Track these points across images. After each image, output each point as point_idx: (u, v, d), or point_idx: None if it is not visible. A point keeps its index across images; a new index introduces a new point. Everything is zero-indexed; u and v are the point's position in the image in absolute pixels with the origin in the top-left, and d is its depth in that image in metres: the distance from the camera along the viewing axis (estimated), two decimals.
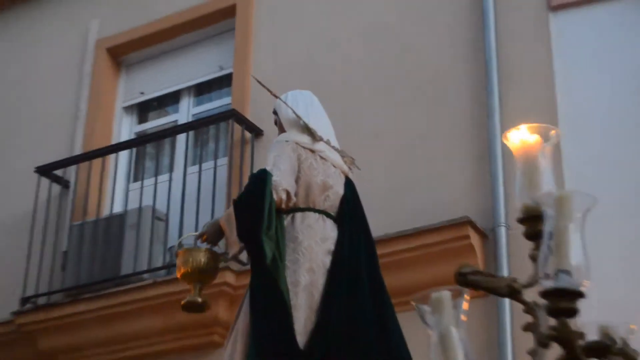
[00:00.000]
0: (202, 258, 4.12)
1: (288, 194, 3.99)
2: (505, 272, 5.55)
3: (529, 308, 2.35)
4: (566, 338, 2.31)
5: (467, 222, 5.60)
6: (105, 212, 7.12)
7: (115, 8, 8.02)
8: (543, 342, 2.33)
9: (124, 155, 7.34)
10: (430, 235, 5.67)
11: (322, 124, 4.40)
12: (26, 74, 8.33)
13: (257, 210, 3.88)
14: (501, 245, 5.59)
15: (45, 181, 7.28)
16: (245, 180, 5.95)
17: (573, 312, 2.31)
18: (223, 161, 6.89)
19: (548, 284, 2.26)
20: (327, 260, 4.03)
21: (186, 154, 6.79)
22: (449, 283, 5.59)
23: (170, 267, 4.73)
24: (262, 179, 3.98)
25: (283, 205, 3.99)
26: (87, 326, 6.53)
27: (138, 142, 7.36)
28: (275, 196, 3.91)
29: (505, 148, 5.67)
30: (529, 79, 6.01)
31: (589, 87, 5.93)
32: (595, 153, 5.73)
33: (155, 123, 7.76)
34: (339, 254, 4.07)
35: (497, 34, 6.15)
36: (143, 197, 6.69)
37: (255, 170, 5.42)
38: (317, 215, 4.10)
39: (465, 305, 2.40)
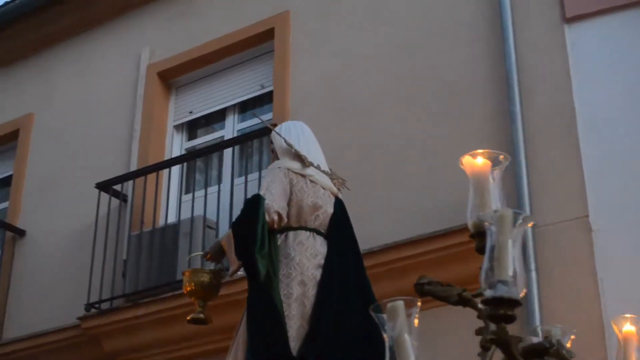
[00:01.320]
0: (205, 278, 4.38)
1: (279, 215, 4.16)
2: (532, 267, 5.51)
3: (480, 314, 2.38)
4: (504, 341, 2.34)
5: None
6: (160, 222, 7.18)
7: (163, 36, 8.09)
8: (485, 346, 2.38)
9: (175, 169, 7.44)
10: (459, 235, 5.43)
11: (312, 151, 4.55)
12: (85, 99, 8.41)
13: (251, 232, 4.04)
14: (528, 241, 5.53)
15: (105, 196, 7.33)
16: None
17: (511, 319, 2.33)
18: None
19: (489, 293, 2.30)
20: (318, 273, 4.17)
21: (233, 166, 6.84)
22: (463, 282, 5.62)
23: (221, 271, 4.95)
24: (255, 203, 4.16)
25: (275, 226, 4.16)
26: (145, 328, 6.62)
27: (188, 157, 7.40)
28: (267, 218, 4.09)
29: (528, 153, 5.80)
30: (548, 88, 5.97)
31: (605, 93, 5.86)
32: (613, 155, 5.67)
33: (203, 139, 7.82)
34: (328, 268, 4.20)
35: (516, 46, 6.11)
36: (194, 207, 6.73)
37: None
38: (308, 233, 4.26)
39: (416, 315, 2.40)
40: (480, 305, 2.39)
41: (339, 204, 4.50)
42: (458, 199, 5.83)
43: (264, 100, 7.53)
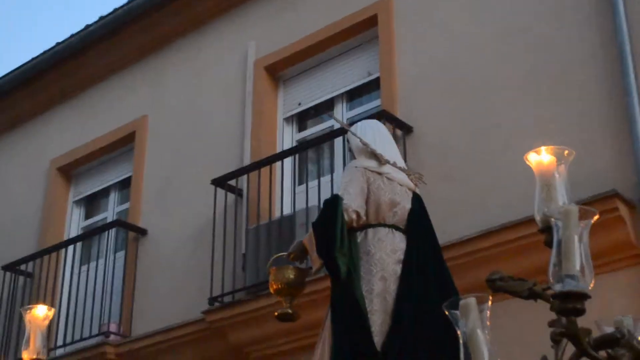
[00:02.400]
0: (290, 275, 4.53)
1: (358, 214, 4.29)
2: None
3: (552, 307, 2.45)
4: (574, 334, 2.42)
5: (615, 195, 5.49)
6: (276, 214, 7.24)
7: (268, 30, 8.15)
8: (556, 339, 2.47)
9: (288, 161, 7.45)
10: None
11: (388, 149, 4.66)
12: (196, 98, 8.54)
13: (331, 231, 4.18)
14: None
15: (221, 192, 7.43)
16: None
17: (580, 312, 2.42)
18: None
19: (558, 287, 2.40)
20: (398, 268, 4.27)
21: (344, 155, 6.82)
22: (604, 253, 5.53)
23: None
24: (334, 203, 4.32)
25: (354, 224, 4.29)
26: (268, 319, 6.41)
27: (300, 149, 7.45)
28: (346, 217, 4.23)
29: None
30: None
31: None
32: None
33: (313, 130, 7.87)
34: (408, 263, 4.30)
35: (627, 18, 5.96)
36: (309, 198, 6.77)
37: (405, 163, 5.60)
38: (387, 229, 4.36)
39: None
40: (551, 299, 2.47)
41: (417, 199, 4.59)
42: (581, 169, 5.75)
43: (371, 87, 7.53)
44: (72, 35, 9.51)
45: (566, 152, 2.70)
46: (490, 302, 2.48)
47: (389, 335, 4.07)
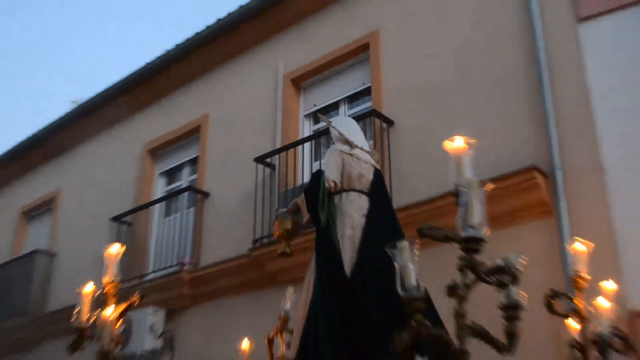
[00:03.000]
0: (288, 225, 4.50)
1: (335, 183, 4.24)
2: (563, 203, 5.32)
3: (460, 247, 2.52)
4: (472, 266, 2.49)
5: (534, 168, 5.47)
6: (298, 182, 7.11)
7: (292, 53, 8.05)
8: (460, 269, 2.53)
9: (307, 145, 7.45)
10: (510, 178, 5.50)
11: (357, 137, 4.57)
12: (244, 100, 8.41)
13: (315, 195, 4.14)
14: (559, 184, 5.41)
15: (260, 166, 7.46)
16: (384, 152, 6.36)
17: (477, 250, 2.49)
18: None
19: (463, 234, 2.50)
20: (363, 220, 4.20)
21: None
22: (521, 210, 5.48)
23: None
24: (318, 175, 4.27)
25: (332, 190, 4.23)
26: (298, 254, 6.77)
27: (315, 137, 7.32)
28: (327, 185, 4.19)
29: (558, 119, 5.61)
30: (567, 72, 5.69)
31: (613, 74, 5.45)
32: (629, 131, 5.21)
33: (324, 123, 7.44)
34: (369, 216, 4.23)
35: (545, 39, 5.87)
36: None
37: (375, 148, 5.80)
38: (356, 193, 4.30)
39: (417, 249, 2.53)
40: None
41: (377, 173, 4.50)
42: (505, 150, 5.77)
43: (365, 93, 7.45)
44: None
45: (471, 140, 2.67)
46: (418, 245, 2.57)
47: (355, 267, 4.02)
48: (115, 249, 4.35)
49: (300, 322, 4.06)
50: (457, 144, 2.70)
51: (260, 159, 7.52)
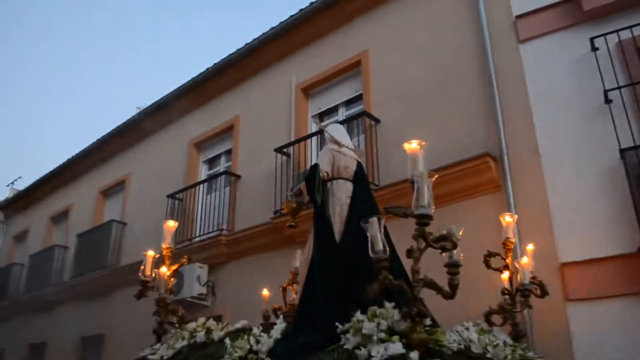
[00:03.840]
0: (293, 204, 4.52)
1: (327, 173, 4.26)
2: (508, 182, 5.26)
3: (415, 222, 2.56)
4: (423, 236, 2.52)
5: (487, 154, 5.43)
6: (306, 167, 6.90)
7: (302, 68, 7.94)
8: (414, 238, 2.52)
9: (314, 139, 7.27)
10: (469, 162, 5.49)
11: (344, 139, 4.56)
12: (266, 106, 8.19)
13: (312, 181, 4.17)
14: (506, 166, 5.36)
15: (279, 155, 7.40)
16: (373, 144, 6.46)
17: (426, 224, 2.52)
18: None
19: (416, 211, 2.54)
20: (348, 201, 4.20)
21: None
22: (476, 187, 5.52)
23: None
24: (315, 167, 4.26)
25: (325, 178, 4.23)
26: (302, 223, 6.46)
27: (320, 133, 6.82)
28: (321, 174, 4.20)
29: (505, 117, 5.55)
30: (511, 82, 5.63)
31: (551, 87, 5.34)
32: (570, 149, 5.07)
33: (327, 122, 7.19)
34: (353, 198, 4.23)
35: (494, 57, 5.81)
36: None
37: (362, 144, 5.87)
38: (343, 180, 4.30)
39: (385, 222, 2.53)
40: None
41: (359, 165, 4.48)
42: (460, 139, 5.75)
43: (358, 98, 7.35)
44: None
45: (423, 143, 2.74)
46: (384, 220, 2.66)
47: (342, 235, 4.04)
48: (171, 223, 4.66)
49: (303, 276, 4.11)
50: (412, 145, 2.76)
51: (279, 149, 7.46)
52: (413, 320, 2.53)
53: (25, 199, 14.06)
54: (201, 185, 8.86)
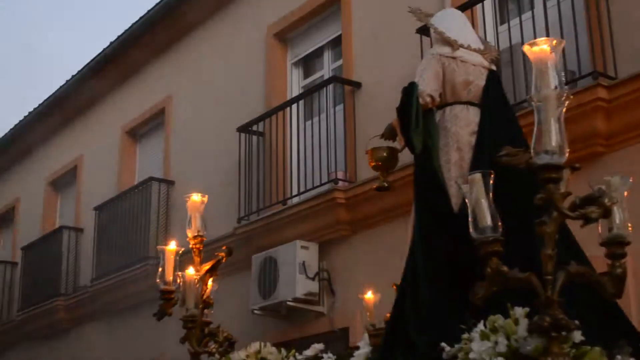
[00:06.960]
0: (383, 153, 4.89)
1: (432, 97, 4.48)
2: None
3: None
4: (551, 198, 2.69)
5: None
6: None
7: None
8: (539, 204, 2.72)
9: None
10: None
11: (463, 34, 4.76)
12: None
13: (407, 115, 4.42)
14: None
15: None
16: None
17: (556, 180, 2.69)
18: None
19: (536, 161, 2.68)
20: (472, 139, 4.48)
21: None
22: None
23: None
24: (410, 89, 4.49)
25: (430, 105, 4.49)
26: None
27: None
28: (421, 101, 4.42)
29: None
30: None
31: None
32: None
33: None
34: (480, 133, 4.49)
35: None
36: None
37: None
38: (462, 106, 4.56)
39: None
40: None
41: (491, 76, 4.70)
42: None
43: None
44: None
45: (555, 42, 2.82)
46: (492, 176, 2.91)
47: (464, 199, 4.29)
48: (198, 198, 5.08)
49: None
50: (534, 48, 2.82)
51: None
52: (548, 336, 2.71)
53: None
54: (294, 106, 9.10)
